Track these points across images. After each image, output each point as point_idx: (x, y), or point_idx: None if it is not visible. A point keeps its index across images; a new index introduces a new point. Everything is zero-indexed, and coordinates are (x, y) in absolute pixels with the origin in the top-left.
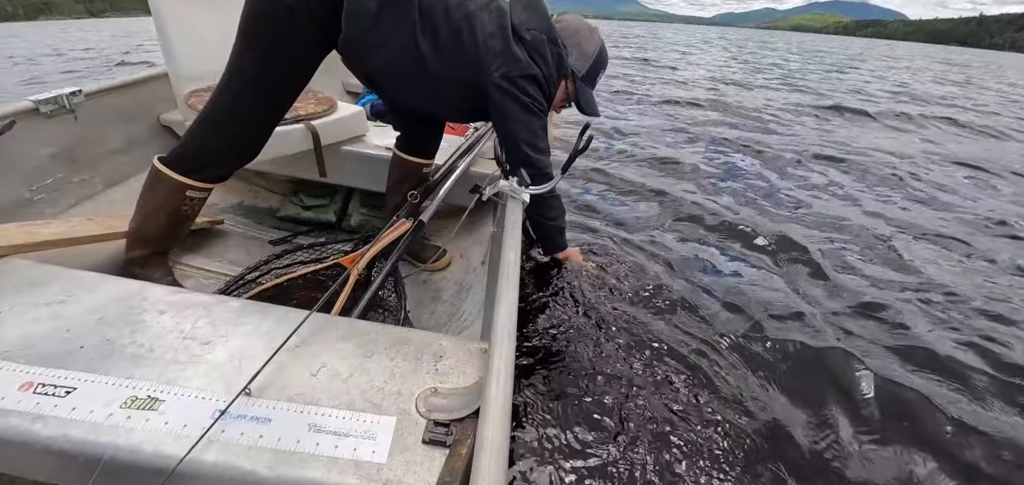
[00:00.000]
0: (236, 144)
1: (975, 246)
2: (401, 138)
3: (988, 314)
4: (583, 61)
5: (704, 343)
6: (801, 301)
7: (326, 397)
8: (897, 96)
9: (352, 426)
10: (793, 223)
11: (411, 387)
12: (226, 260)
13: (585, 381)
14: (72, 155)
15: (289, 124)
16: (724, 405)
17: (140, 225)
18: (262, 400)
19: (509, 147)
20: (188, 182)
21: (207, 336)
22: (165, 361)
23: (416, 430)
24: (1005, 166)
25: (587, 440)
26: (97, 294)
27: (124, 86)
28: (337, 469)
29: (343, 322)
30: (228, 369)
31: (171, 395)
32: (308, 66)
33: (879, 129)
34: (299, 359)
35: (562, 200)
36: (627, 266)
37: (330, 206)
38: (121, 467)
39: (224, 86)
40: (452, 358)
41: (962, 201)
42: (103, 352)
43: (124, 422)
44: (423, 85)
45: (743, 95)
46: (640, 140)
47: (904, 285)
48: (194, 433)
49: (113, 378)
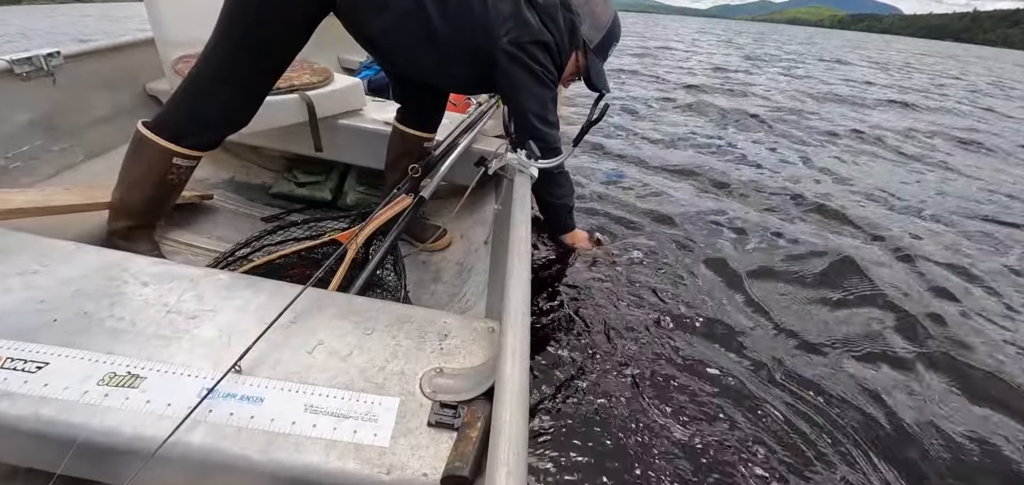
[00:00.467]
0: (225, 110)
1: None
2: (402, 111)
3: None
4: (596, 32)
5: (719, 334)
6: (818, 287)
7: (323, 376)
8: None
9: (352, 407)
10: (803, 205)
11: (414, 367)
12: (215, 236)
13: (593, 366)
14: (50, 122)
15: (282, 93)
16: (744, 398)
17: (124, 195)
18: (253, 378)
19: (517, 118)
20: (174, 149)
21: (194, 310)
22: (147, 336)
23: (421, 412)
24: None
25: (596, 424)
26: (74, 264)
27: (107, 50)
28: (336, 453)
29: (341, 298)
30: (216, 345)
31: (153, 372)
32: (303, 27)
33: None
34: (293, 336)
35: (570, 177)
36: (636, 249)
37: (325, 183)
38: (98, 449)
39: (213, 47)
40: (458, 337)
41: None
42: (79, 326)
43: (101, 400)
44: (428, 51)
45: (750, 81)
46: (649, 124)
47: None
48: (179, 413)
49: (90, 353)
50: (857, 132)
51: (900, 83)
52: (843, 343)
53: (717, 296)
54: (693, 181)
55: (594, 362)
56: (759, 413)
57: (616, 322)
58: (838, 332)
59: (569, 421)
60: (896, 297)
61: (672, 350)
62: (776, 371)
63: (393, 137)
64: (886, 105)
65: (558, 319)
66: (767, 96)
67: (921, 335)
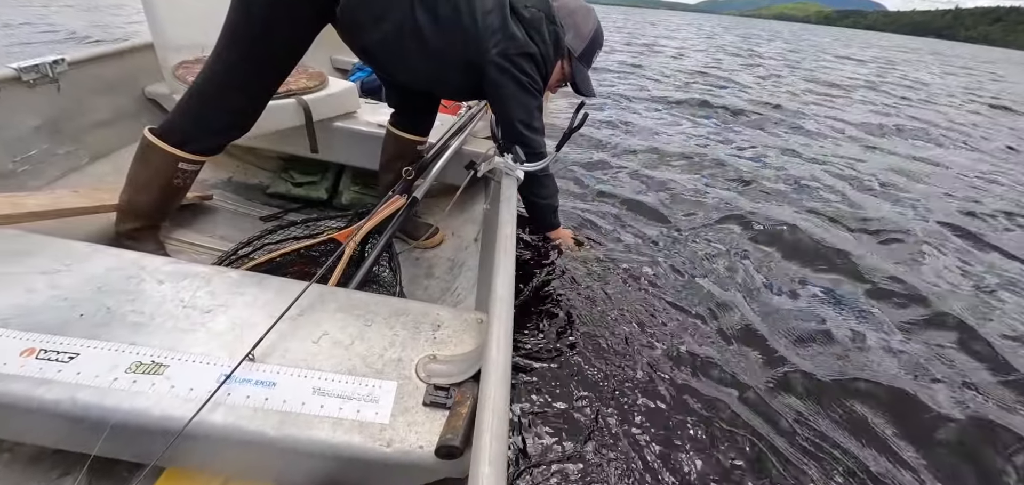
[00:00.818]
0: (230, 116)
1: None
2: (395, 115)
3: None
4: (579, 41)
5: (694, 325)
6: (793, 284)
7: (328, 363)
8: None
9: (355, 390)
10: (787, 205)
11: (411, 354)
12: (217, 236)
13: (572, 354)
14: (56, 126)
15: (280, 98)
16: (714, 388)
17: (131, 197)
18: (266, 365)
19: (505, 125)
20: (180, 154)
21: (208, 305)
22: (167, 329)
23: (417, 394)
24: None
25: (575, 407)
26: (93, 264)
27: (108, 56)
28: (342, 429)
29: (341, 293)
30: (230, 337)
31: (175, 361)
32: (305, 37)
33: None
34: (300, 328)
35: (555, 180)
36: (618, 246)
37: (321, 183)
38: (130, 429)
39: (218, 56)
40: (449, 327)
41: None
42: (103, 320)
43: (130, 386)
44: (422, 61)
45: (741, 79)
46: (637, 124)
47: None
48: (201, 396)
49: (116, 344)
50: (831, 131)
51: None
52: (826, 338)
53: (697, 290)
54: (678, 178)
55: (573, 348)
56: (726, 397)
57: (594, 313)
58: (818, 326)
59: (550, 400)
60: (910, 301)
61: (647, 337)
62: (750, 360)
63: (387, 140)
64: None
65: (542, 310)
66: (754, 93)
67: (909, 324)
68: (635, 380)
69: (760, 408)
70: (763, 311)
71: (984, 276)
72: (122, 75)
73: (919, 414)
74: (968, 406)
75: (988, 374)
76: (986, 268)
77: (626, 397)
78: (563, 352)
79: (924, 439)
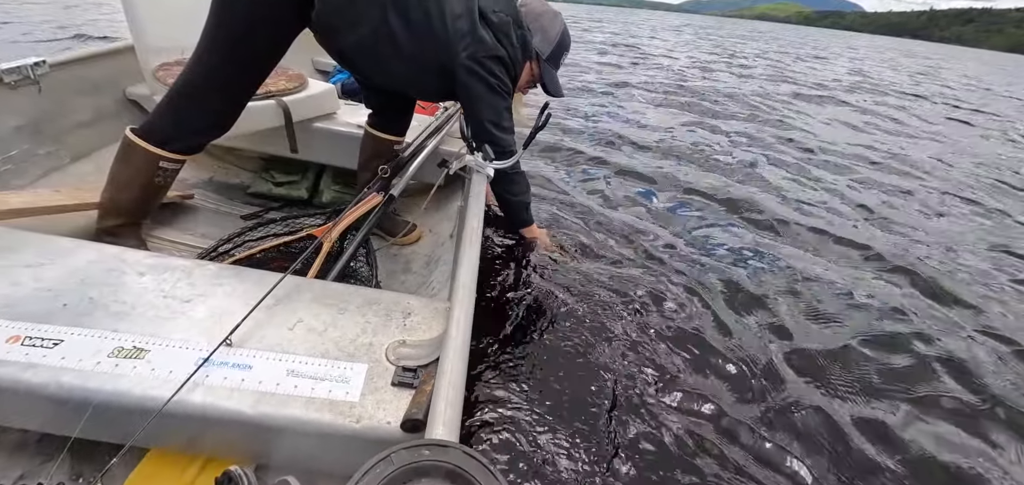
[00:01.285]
0: (211, 117)
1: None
2: (373, 115)
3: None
4: (547, 44)
5: (661, 316)
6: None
7: (302, 347)
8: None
9: (327, 372)
10: (771, 200)
11: (381, 339)
12: (198, 233)
13: (535, 344)
14: (37, 127)
15: (260, 100)
16: (671, 386)
17: (113, 196)
18: (243, 349)
19: (474, 125)
20: (161, 153)
21: (187, 295)
22: (148, 317)
23: (386, 375)
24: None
25: (537, 390)
26: (76, 257)
27: (89, 58)
28: (314, 407)
29: (317, 284)
30: (209, 324)
31: (156, 345)
32: (283, 40)
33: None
34: (276, 316)
35: (527, 177)
36: (590, 242)
37: (301, 183)
38: (112, 410)
39: (199, 58)
40: (419, 315)
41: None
42: (86, 309)
43: (112, 369)
44: (395, 64)
45: (718, 79)
46: (617, 124)
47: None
48: (180, 378)
49: (99, 331)
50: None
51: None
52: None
53: (670, 291)
54: (658, 179)
55: (538, 334)
56: (678, 390)
57: (560, 305)
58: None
59: (510, 379)
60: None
61: (611, 331)
62: (722, 355)
63: (365, 140)
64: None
65: (509, 299)
66: (739, 95)
67: (860, 324)
68: (599, 367)
69: (710, 399)
70: (729, 303)
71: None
72: (103, 77)
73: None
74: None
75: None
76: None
77: (589, 381)
78: (527, 341)
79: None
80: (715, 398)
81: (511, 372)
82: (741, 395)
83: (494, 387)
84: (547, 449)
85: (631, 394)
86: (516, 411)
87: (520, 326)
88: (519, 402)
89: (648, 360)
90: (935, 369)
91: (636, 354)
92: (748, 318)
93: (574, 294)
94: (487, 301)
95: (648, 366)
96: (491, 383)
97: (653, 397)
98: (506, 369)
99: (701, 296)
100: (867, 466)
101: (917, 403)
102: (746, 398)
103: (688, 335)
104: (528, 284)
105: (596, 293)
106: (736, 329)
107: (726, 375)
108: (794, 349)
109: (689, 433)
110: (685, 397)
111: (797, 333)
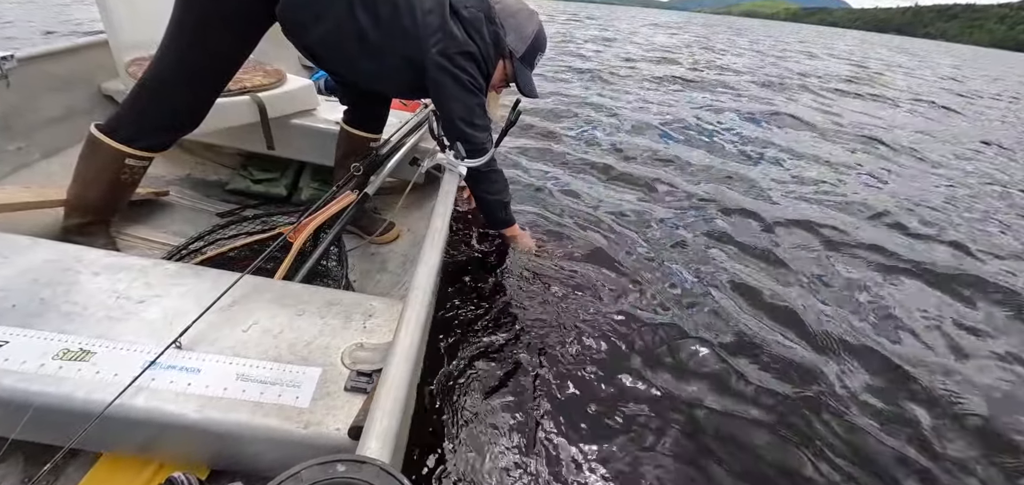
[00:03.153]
0: (175, 114)
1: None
2: (348, 112)
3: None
4: (521, 42)
5: (636, 319)
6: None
7: (255, 351)
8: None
9: (278, 376)
10: (750, 199)
11: (338, 342)
12: (171, 231)
13: (503, 352)
14: (5, 123)
15: (234, 95)
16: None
17: (79, 193)
18: (193, 352)
19: (446, 122)
20: (127, 150)
21: (141, 295)
22: (98, 318)
23: (339, 379)
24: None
25: (500, 404)
26: (30, 256)
27: (61, 52)
28: (261, 412)
29: (277, 284)
30: (160, 325)
31: (103, 348)
32: (249, 35)
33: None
34: (232, 318)
35: (504, 176)
36: (571, 244)
37: (280, 180)
38: (53, 412)
39: (162, 54)
40: (381, 317)
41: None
42: (36, 310)
43: (56, 372)
44: (363, 60)
45: (707, 74)
46: (603, 122)
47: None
48: (125, 382)
49: (46, 333)
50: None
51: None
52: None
53: (643, 292)
54: (639, 181)
55: (508, 342)
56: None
57: (533, 312)
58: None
59: (471, 388)
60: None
61: (586, 346)
62: (704, 356)
63: (341, 137)
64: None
65: (479, 304)
66: (735, 88)
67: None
68: (571, 384)
69: (685, 401)
70: (708, 303)
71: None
72: (76, 72)
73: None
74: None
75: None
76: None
77: (557, 396)
78: (495, 349)
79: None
80: (690, 425)
81: (475, 381)
82: (726, 410)
83: (454, 396)
84: (501, 473)
85: (597, 419)
86: (474, 426)
87: (488, 332)
88: (479, 415)
89: (622, 385)
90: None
91: (610, 379)
92: (731, 320)
93: (550, 301)
94: (457, 304)
95: (623, 398)
96: (451, 391)
97: (623, 424)
98: (470, 378)
99: (690, 310)
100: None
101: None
102: (732, 412)
103: (676, 350)
104: (501, 289)
105: (575, 300)
106: (725, 334)
107: (710, 393)
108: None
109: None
110: (660, 419)
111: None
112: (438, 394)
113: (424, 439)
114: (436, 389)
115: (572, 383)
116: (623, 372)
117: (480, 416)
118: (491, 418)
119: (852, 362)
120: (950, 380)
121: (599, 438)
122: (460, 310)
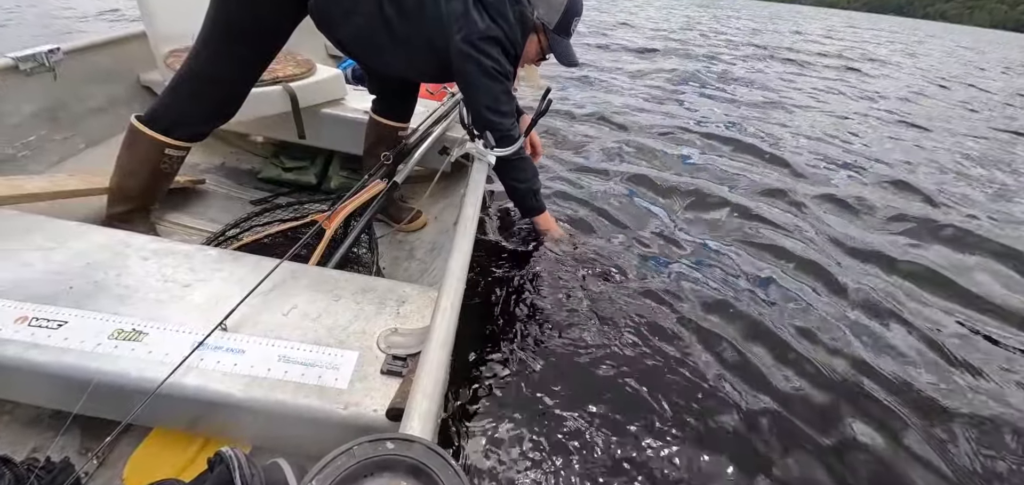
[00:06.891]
0: (212, 105)
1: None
2: (377, 101)
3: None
4: (553, 12)
5: (675, 319)
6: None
7: (296, 334)
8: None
9: (318, 358)
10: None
11: (374, 327)
12: (208, 218)
13: (533, 340)
14: (53, 114)
15: (266, 85)
16: (682, 389)
17: (121, 182)
18: (237, 334)
19: (472, 111)
20: (166, 140)
21: (187, 280)
22: (149, 301)
23: (376, 363)
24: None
25: (529, 388)
26: (84, 241)
27: (103, 45)
28: (302, 393)
29: (313, 270)
30: (206, 308)
31: (154, 329)
32: (281, 29)
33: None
34: (272, 302)
35: (533, 163)
36: (603, 234)
37: (310, 168)
38: (110, 389)
39: (199, 48)
40: (413, 303)
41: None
42: (91, 292)
43: (112, 350)
44: (393, 51)
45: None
46: (623, 107)
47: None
48: (175, 361)
49: (101, 314)
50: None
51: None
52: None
53: (679, 289)
54: (671, 169)
55: (537, 329)
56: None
57: (563, 301)
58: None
59: (502, 373)
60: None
61: (613, 335)
62: (710, 359)
63: (369, 126)
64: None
65: (509, 291)
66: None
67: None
68: (597, 373)
69: (715, 412)
70: (752, 309)
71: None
72: (116, 63)
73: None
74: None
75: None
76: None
77: (586, 385)
78: (525, 336)
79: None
80: (719, 411)
81: (504, 366)
82: (755, 409)
83: (484, 379)
84: (528, 450)
85: (624, 408)
86: (503, 408)
87: (518, 320)
88: (507, 398)
89: (654, 379)
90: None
91: (638, 364)
92: (771, 329)
93: (579, 292)
94: (486, 291)
95: (654, 391)
96: (482, 376)
97: (645, 420)
98: (499, 362)
99: (717, 303)
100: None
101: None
102: (766, 411)
103: (708, 345)
104: (532, 277)
105: (606, 291)
106: (755, 335)
107: (735, 391)
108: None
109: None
110: (686, 418)
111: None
112: (467, 378)
113: (454, 420)
114: (464, 373)
115: (602, 375)
116: (655, 367)
117: (507, 401)
118: (517, 404)
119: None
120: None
121: (628, 430)
122: (488, 296)
